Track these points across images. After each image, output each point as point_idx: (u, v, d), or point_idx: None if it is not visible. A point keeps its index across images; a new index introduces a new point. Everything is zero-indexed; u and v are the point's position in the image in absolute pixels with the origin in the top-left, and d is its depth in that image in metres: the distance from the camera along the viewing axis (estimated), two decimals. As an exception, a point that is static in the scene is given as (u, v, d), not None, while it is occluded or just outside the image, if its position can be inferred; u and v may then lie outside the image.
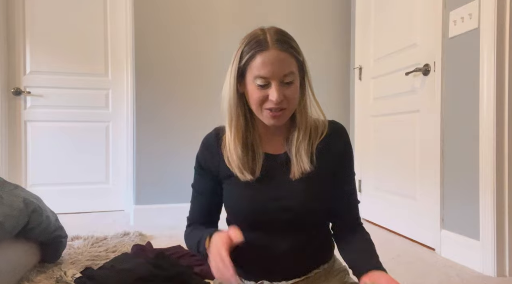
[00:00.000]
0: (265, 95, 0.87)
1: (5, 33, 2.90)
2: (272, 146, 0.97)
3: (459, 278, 1.67)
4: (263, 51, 0.85)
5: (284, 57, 0.86)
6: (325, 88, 3.01)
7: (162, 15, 2.73)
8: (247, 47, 0.87)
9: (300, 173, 0.91)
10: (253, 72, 0.86)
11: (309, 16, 2.98)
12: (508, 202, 1.68)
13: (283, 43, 0.86)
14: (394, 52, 2.44)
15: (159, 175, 2.72)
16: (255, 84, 0.87)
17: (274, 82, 0.86)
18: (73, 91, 3.05)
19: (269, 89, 0.86)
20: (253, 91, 0.88)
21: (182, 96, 2.76)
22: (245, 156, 0.92)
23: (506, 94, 1.67)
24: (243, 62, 0.88)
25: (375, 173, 2.69)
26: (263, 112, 0.89)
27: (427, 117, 2.13)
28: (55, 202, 2.61)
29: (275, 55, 0.85)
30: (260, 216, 0.91)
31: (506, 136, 1.68)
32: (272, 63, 0.85)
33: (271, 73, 0.85)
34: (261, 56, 0.85)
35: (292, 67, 0.87)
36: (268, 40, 0.86)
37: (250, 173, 0.91)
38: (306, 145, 0.93)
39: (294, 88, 0.88)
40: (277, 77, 0.85)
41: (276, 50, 0.85)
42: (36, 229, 1.50)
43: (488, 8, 1.69)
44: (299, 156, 0.92)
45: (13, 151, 2.96)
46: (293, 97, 0.88)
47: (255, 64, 0.86)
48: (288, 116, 0.92)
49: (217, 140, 0.98)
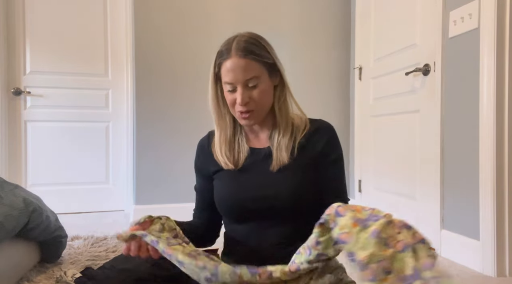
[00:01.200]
0: (234, 98, 0.96)
1: (5, 33, 2.90)
2: (257, 141, 1.05)
3: (459, 278, 1.67)
4: (227, 60, 0.95)
5: (245, 64, 0.94)
6: (325, 88, 3.01)
7: (162, 15, 2.72)
8: (217, 55, 0.99)
9: (278, 165, 0.97)
10: (223, 78, 0.97)
11: (309, 16, 2.98)
12: (508, 202, 1.68)
13: (244, 51, 0.94)
14: (394, 52, 2.44)
15: (159, 175, 2.72)
16: (226, 88, 0.98)
17: (238, 86, 0.95)
18: (73, 91, 3.05)
19: (236, 93, 0.95)
20: (226, 95, 0.99)
21: (182, 96, 2.76)
22: (230, 151, 1.02)
23: (506, 94, 1.67)
24: (216, 69, 1.00)
25: (375, 173, 2.68)
26: (236, 113, 0.99)
27: (427, 117, 2.13)
28: (55, 202, 2.61)
29: (236, 63, 0.94)
30: (241, 206, 0.97)
31: (506, 136, 1.68)
32: (234, 69, 0.94)
33: (235, 79, 0.94)
34: (225, 64, 0.95)
35: (255, 72, 0.95)
36: (231, 49, 0.95)
37: (234, 164, 1.00)
38: (287, 140, 0.99)
39: (260, 90, 0.96)
40: (240, 82, 0.94)
41: (236, 57, 0.94)
42: (36, 229, 1.50)
43: (488, 8, 1.69)
44: (279, 150, 0.99)
45: (13, 151, 2.96)
46: (259, 98, 0.96)
47: (223, 71, 0.97)
48: (260, 116, 1.00)
49: (208, 141, 1.09)
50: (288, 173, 0.97)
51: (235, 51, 0.95)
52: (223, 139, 1.03)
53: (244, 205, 0.97)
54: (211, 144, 1.06)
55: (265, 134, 1.05)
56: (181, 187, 2.69)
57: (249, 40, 0.97)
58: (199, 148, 1.12)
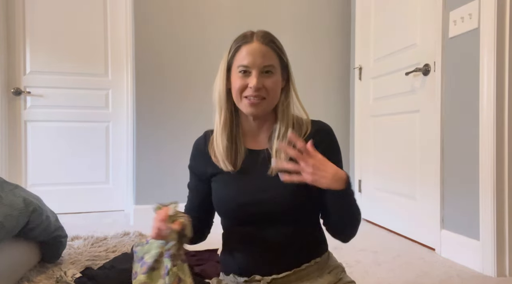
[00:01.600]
0: (246, 83, 0.95)
1: (5, 33, 2.90)
2: (255, 143, 1.03)
3: (459, 278, 1.67)
4: (247, 43, 0.96)
5: (266, 51, 0.96)
6: (325, 88, 3.01)
7: (162, 15, 2.72)
8: (235, 42, 1.00)
9: (277, 170, 0.95)
10: (237, 62, 0.96)
11: (309, 16, 2.98)
12: (508, 202, 1.68)
13: (266, 39, 0.97)
14: (394, 52, 2.44)
15: (159, 175, 2.72)
16: (238, 73, 0.96)
17: (254, 70, 0.94)
18: (73, 91, 3.05)
19: (249, 78, 0.94)
20: (236, 80, 0.96)
21: (182, 96, 2.76)
22: (229, 149, 0.99)
23: (506, 94, 1.67)
24: (230, 55, 0.99)
25: (375, 173, 2.68)
26: (242, 100, 0.97)
27: (427, 117, 2.13)
28: (55, 202, 2.61)
29: (257, 47, 0.95)
30: (241, 209, 0.97)
31: (506, 136, 1.68)
32: (254, 53, 0.95)
33: (252, 62, 0.94)
34: (245, 48, 0.96)
35: (273, 61, 0.96)
36: (253, 35, 0.97)
37: (232, 165, 0.99)
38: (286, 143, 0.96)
39: (274, 80, 0.96)
40: (257, 66, 0.94)
41: (259, 43, 0.96)
42: (36, 229, 1.50)
43: (488, 8, 1.69)
44: (278, 153, 0.97)
45: (13, 151, 2.96)
46: (272, 87, 0.95)
47: (239, 55, 0.96)
48: (267, 108, 0.98)
49: (205, 142, 1.06)
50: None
51: (257, 37, 0.97)
52: (224, 133, 1.00)
53: (244, 208, 0.97)
54: (208, 145, 1.04)
55: (264, 135, 1.03)
56: (181, 187, 2.67)
57: (270, 34, 1.00)
58: (195, 149, 1.09)
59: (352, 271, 1.69)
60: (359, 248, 2.06)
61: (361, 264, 1.83)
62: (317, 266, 0.99)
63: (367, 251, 2.03)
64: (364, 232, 2.45)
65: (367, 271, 1.74)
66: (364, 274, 1.70)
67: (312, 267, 0.98)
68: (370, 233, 2.47)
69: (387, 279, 1.65)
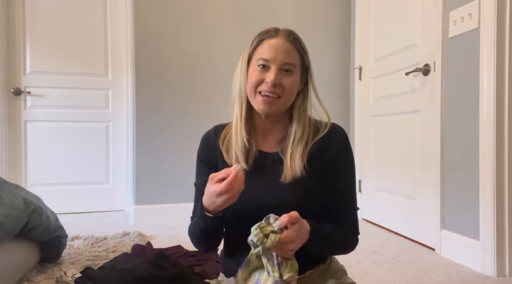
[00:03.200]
0: (263, 78, 0.91)
1: (5, 33, 2.90)
2: (265, 143, 1.00)
3: (459, 278, 1.67)
4: (271, 38, 0.93)
5: (289, 48, 0.93)
6: (325, 88, 3.01)
7: (162, 15, 2.72)
8: (258, 36, 0.96)
9: (291, 177, 0.92)
10: (258, 55, 0.93)
11: (309, 16, 2.98)
12: (508, 202, 1.68)
13: (292, 37, 0.94)
14: (394, 52, 2.44)
15: (159, 175, 2.72)
16: (257, 66, 0.92)
17: (274, 66, 0.91)
18: (73, 91, 3.05)
19: (267, 72, 0.91)
20: (253, 73, 0.93)
21: (182, 96, 2.76)
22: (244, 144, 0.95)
23: (506, 94, 1.67)
24: (252, 47, 0.95)
25: (375, 173, 2.68)
26: (256, 96, 0.93)
27: (427, 117, 2.13)
28: (55, 202, 2.61)
29: (281, 43, 0.92)
30: (245, 212, 0.92)
31: (506, 136, 1.68)
32: (276, 48, 0.91)
33: (273, 57, 0.91)
34: (268, 41, 0.93)
35: (294, 60, 0.93)
36: (279, 30, 0.95)
37: (245, 163, 0.95)
38: (302, 149, 0.94)
39: (292, 79, 0.93)
40: (278, 62, 0.91)
41: (283, 39, 0.93)
42: (36, 229, 1.50)
43: (488, 8, 1.69)
44: (292, 160, 0.93)
45: (13, 151, 2.96)
46: (289, 86, 0.92)
47: (261, 48, 0.93)
48: (280, 108, 0.94)
49: (216, 137, 1.02)
50: (298, 187, 0.92)
51: (283, 33, 0.94)
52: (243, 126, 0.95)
53: (250, 211, 0.91)
54: (219, 140, 1.00)
55: (276, 137, 0.99)
56: (181, 187, 2.69)
57: (295, 33, 0.98)
58: (205, 142, 1.03)
59: (352, 271, 1.69)
60: (359, 248, 2.04)
61: (361, 264, 1.83)
62: (320, 272, 0.98)
63: (367, 251, 2.03)
64: (364, 232, 2.44)
65: (367, 271, 1.74)
66: (364, 274, 1.70)
67: (315, 273, 0.97)
68: (370, 233, 2.47)
69: (387, 279, 1.65)
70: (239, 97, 0.97)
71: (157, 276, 1.43)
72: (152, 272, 1.45)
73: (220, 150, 0.98)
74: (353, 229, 1.00)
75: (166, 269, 1.50)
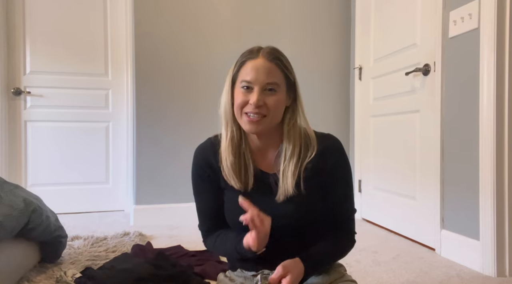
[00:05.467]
0: (247, 100, 0.92)
1: (5, 33, 2.90)
2: (264, 161, 1.01)
3: (459, 278, 1.67)
4: (252, 59, 0.94)
5: (270, 67, 0.93)
6: (325, 88, 3.01)
7: (163, 15, 2.72)
8: (241, 57, 0.97)
9: (284, 196, 0.94)
10: (241, 77, 0.94)
11: (309, 16, 2.98)
12: (508, 202, 1.68)
13: (272, 56, 0.94)
14: (394, 52, 2.44)
15: (159, 175, 2.72)
16: (241, 88, 0.94)
17: (256, 87, 0.92)
18: (73, 91, 3.05)
19: (251, 94, 0.92)
20: (238, 95, 0.94)
21: (182, 96, 2.76)
22: (236, 165, 0.97)
23: (506, 94, 1.67)
24: (235, 69, 0.97)
25: (375, 173, 2.69)
26: (242, 116, 0.94)
27: (427, 117, 2.13)
28: (55, 202, 2.61)
29: (262, 63, 0.93)
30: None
31: (506, 136, 1.68)
32: (257, 69, 0.92)
33: (255, 78, 0.92)
34: (250, 63, 0.94)
35: (277, 79, 0.94)
36: (260, 51, 0.95)
37: (243, 184, 0.97)
38: (294, 166, 0.95)
39: (276, 98, 0.93)
40: (260, 83, 0.92)
41: (263, 59, 0.94)
42: (36, 229, 1.50)
43: (488, 8, 1.69)
44: (285, 178, 0.95)
45: (13, 151, 2.96)
46: (273, 105, 0.93)
47: (244, 70, 0.94)
48: (267, 126, 0.95)
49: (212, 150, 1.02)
50: (292, 206, 0.94)
51: (263, 53, 0.94)
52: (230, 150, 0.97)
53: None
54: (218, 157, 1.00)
55: (272, 154, 1.01)
56: (181, 187, 2.69)
57: (278, 50, 0.98)
58: (201, 158, 1.03)
59: (352, 271, 1.69)
60: (359, 248, 2.06)
61: (361, 264, 1.83)
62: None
63: (367, 251, 2.03)
64: (364, 232, 2.45)
65: (367, 271, 1.74)
66: (364, 274, 1.70)
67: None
68: (370, 233, 2.47)
69: (387, 279, 1.65)
70: (225, 118, 0.98)
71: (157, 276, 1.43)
72: (152, 272, 1.45)
73: (219, 166, 0.99)
74: (350, 234, 1.04)
75: (166, 269, 1.50)
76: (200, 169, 1.03)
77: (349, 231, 1.03)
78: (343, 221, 1.02)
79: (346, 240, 1.03)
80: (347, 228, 1.03)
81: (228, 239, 0.99)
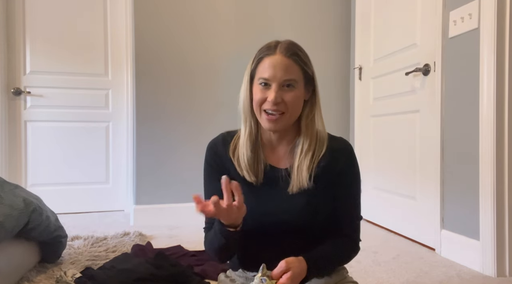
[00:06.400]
0: (265, 97, 0.92)
1: (5, 33, 2.90)
2: (274, 157, 1.01)
3: (459, 278, 1.67)
4: (270, 55, 0.93)
5: (288, 64, 0.92)
6: (325, 88, 3.01)
7: (162, 15, 2.72)
8: (258, 52, 0.97)
9: (298, 188, 0.94)
10: (259, 74, 0.94)
11: (309, 16, 2.98)
12: (508, 202, 1.68)
13: (290, 51, 0.93)
14: (394, 52, 2.44)
15: (159, 175, 2.72)
16: (259, 85, 0.94)
17: (274, 84, 0.92)
18: (73, 91, 3.05)
19: (269, 91, 0.92)
20: (256, 92, 0.94)
21: (182, 96, 2.76)
22: (252, 160, 0.97)
23: (506, 94, 1.67)
24: (253, 65, 0.96)
25: (375, 173, 2.69)
26: (262, 114, 0.94)
27: (427, 117, 2.13)
28: (55, 202, 2.61)
29: (279, 60, 0.92)
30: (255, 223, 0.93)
31: (506, 136, 1.68)
32: (275, 66, 0.91)
33: (273, 75, 0.91)
34: (267, 59, 0.93)
35: (295, 75, 0.93)
36: (277, 46, 0.94)
37: (255, 176, 0.97)
38: (309, 160, 0.95)
39: (295, 95, 0.93)
40: (278, 80, 0.91)
41: (280, 55, 0.92)
42: (36, 229, 1.50)
43: (488, 8, 1.69)
44: (300, 171, 0.95)
45: (13, 151, 2.96)
46: (292, 102, 0.92)
47: (261, 67, 0.94)
48: (287, 123, 0.95)
49: (224, 146, 1.02)
50: (305, 199, 0.95)
51: (281, 49, 0.93)
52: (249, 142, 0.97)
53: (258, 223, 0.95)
54: (229, 151, 1.01)
55: (284, 149, 1.01)
56: (181, 187, 2.69)
57: (296, 45, 0.97)
58: (213, 152, 1.04)
59: (352, 271, 1.69)
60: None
61: (361, 264, 1.83)
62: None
63: (367, 251, 2.03)
64: (364, 232, 2.44)
65: (367, 271, 1.74)
66: (364, 274, 1.70)
67: None
68: (370, 233, 2.47)
69: (387, 279, 1.65)
70: (244, 114, 0.99)
71: (157, 276, 1.43)
72: (152, 272, 1.45)
73: (232, 160, 0.99)
74: (355, 240, 1.03)
75: (166, 269, 1.50)
76: (211, 159, 1.04)
77: (354, 238, 1.03)
78: (348, 227, 1.02)
79: (351, 246, 1.02)
80: (352, 235, 1.02)
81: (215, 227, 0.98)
